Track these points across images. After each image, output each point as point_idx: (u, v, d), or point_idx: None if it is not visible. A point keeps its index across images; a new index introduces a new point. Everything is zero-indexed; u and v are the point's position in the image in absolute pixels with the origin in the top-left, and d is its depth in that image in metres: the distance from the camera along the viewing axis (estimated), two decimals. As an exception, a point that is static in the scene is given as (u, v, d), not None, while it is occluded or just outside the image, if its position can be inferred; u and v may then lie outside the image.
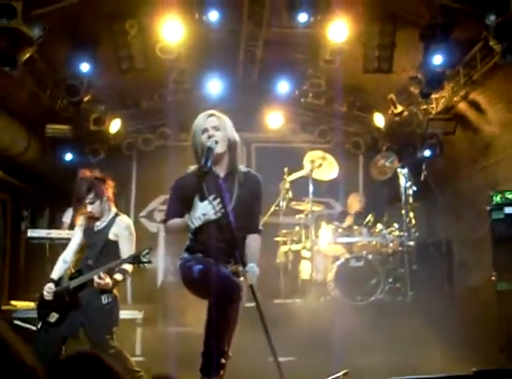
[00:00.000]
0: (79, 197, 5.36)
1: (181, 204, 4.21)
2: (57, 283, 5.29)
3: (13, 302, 7.62)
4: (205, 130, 4.14)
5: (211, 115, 4.21)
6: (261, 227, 4.40)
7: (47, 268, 6.47)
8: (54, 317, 5.20)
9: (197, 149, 4.17)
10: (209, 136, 4.10)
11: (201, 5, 7.44)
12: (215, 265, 4.02)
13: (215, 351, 3.83)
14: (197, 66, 8.90)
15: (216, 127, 4.15)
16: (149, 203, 11.19)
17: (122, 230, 5.42)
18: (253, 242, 4.30)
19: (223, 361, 3.94)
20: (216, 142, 4.07)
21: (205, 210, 3.98)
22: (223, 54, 8.53)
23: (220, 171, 4.18)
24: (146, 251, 5.03)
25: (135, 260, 5.07)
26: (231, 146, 4.19)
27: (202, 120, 4.20)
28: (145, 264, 5.05)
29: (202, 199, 4.08)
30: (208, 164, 3.94)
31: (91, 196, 5.32)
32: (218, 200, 4.02)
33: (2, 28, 6.16)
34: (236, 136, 4.23)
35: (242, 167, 4.32)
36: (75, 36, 7.43)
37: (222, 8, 7.46)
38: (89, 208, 5.35)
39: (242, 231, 4.20)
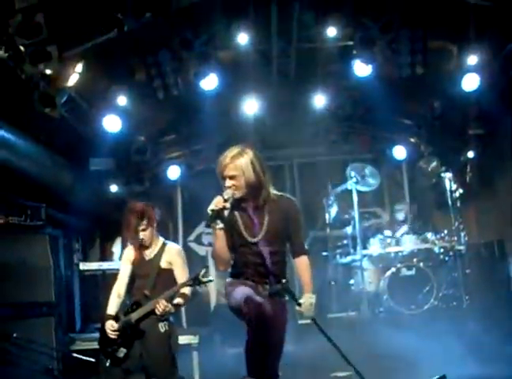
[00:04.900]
0: (130, 226, 5.32)
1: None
2: (116, 318, 5.27)
3: (71, 335, 7.73)
4: (223, 178, 4.12)
5: (228, 163, 4.09)
6: (307, 247, 4.35)
7: (101, 298, 6.55)
8: (122, 352, 5.16)
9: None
10: (226, 187, 4.09)
11: (229, 29, 7.51)
12: (251, 291, 4.04)
13: (255, 375, 3.81)
14: (231, 88, 8.95)
15: (233, 176, 4.08)
16: (196, 227, 11.29)
17: (174, 257, 5.43)
18: (303, 266, 4.24)
19: None
20: (235, 189, 4.06)
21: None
22: (255, 74, 8.55)
23: (250, 203, 4.18)
24: (204, 271, 5.04)
25: (195, 281, 5.07)
26: (254, 186, 4.11)
27: (220, 167, 4.14)
28: (200, 287, 5.09)
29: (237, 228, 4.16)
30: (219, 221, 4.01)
31: (144, 222, 5.32)
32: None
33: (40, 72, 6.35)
34: (260, 175, 4.11)
35: (274, 193, 4.26)
36: (110, 71, 7.59)
37: (250, 30, 7.51)
38: (141, 235, 5.34)
39: (280, 255, 4.21)
